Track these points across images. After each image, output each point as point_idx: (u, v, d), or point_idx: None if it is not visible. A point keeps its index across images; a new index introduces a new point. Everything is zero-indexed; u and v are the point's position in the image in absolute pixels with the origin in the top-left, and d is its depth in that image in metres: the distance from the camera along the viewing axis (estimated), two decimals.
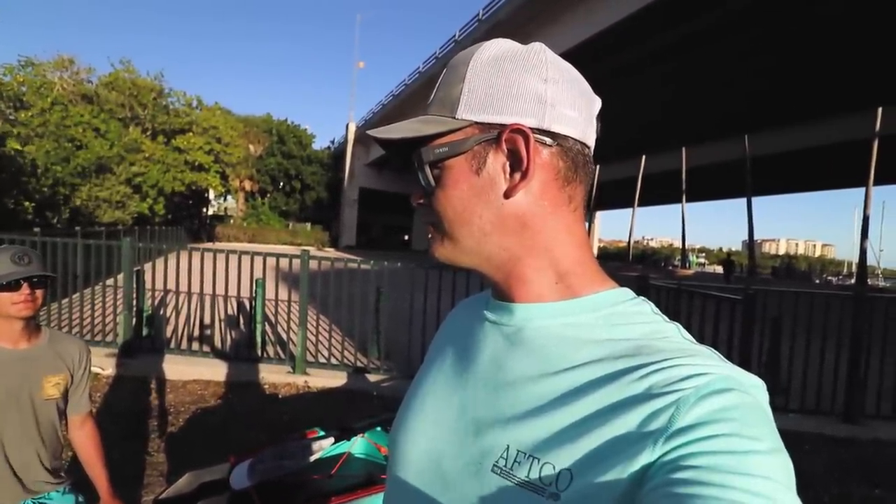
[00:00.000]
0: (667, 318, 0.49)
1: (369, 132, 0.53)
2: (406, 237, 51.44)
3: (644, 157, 31.88)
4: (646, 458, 0.38)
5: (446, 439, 0.51)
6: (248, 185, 41.80)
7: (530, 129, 0.48)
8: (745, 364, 4.39)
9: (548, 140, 0.49)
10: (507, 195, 0.49)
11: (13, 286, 1.37)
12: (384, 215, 48.76)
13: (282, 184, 44.24)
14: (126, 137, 21.28)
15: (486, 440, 0.47)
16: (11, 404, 1.41)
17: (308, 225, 44.43)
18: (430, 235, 0.56)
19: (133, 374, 4.66)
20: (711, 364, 0.41)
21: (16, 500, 1.42)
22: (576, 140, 0.50)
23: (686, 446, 0.36)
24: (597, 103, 0.54)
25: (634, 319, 0.48)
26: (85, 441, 1.60)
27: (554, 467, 0.41)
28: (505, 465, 0.44)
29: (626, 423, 0.39)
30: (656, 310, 0.50)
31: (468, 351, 0.56)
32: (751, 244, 28.47)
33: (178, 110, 26.85)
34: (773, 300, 4.90)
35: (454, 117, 0.50)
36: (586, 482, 0.39)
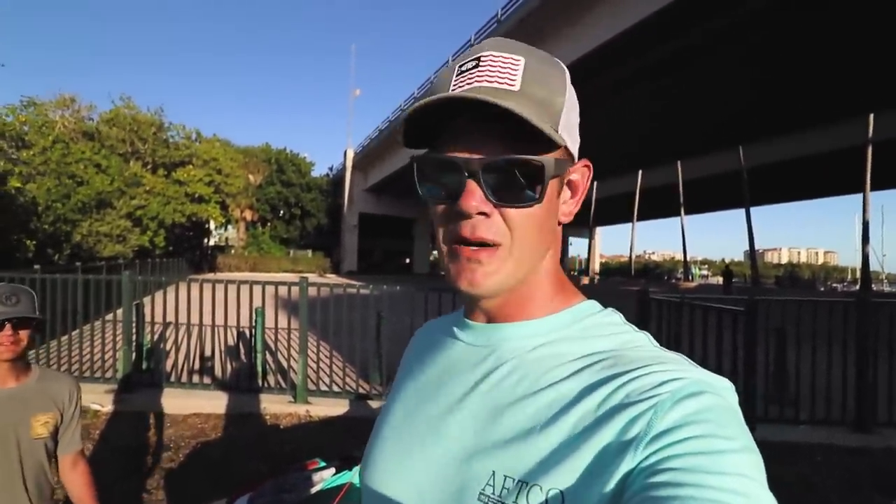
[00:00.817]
0: (636, 328, 0.51)
1: (479, 96, 0.43)
2: (407, 260, 51.47)
3: (641, 171, 32.16)
4: (627, 465, 0.38)
5: (426, 471, 0.50)
6: (248, 214, 42.03)
7: None
8: (750, 376, 4.33)
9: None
10: (560, 221, 0.53)
11: None
12: (384, 240, 48.90)
13: (282, 212, 44.50)
14: (127, 172, 21.52)
15: (470, 468, 0.46)
16: (1, 444, 1.39)
17: (309, 252, 44.51)
18: (480, 260, 0.47)
19: (132, 409, 4.61)
20: (683, 369, 0.43)
21: None
22: None
23: (664, 450, 0.37)
24: None
25: (607, 331, 0.50)
26: (77, 481, 1.57)
27: (542, 489, 0.40)
28: (493, 493, 0.43)
29: (608, 434, 0.40)
30: (625, 319, 0.52)
31: (442, 377, 0.55)
32: (752, 254, 28.42)
33: (178, 143, 27.23)
34: (776, 310, 4.87)
35: (557, 131, 0.47)
36: (578, 499, 0.39)
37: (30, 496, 1.44)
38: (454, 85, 0.47)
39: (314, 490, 2.31)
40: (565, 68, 0.52)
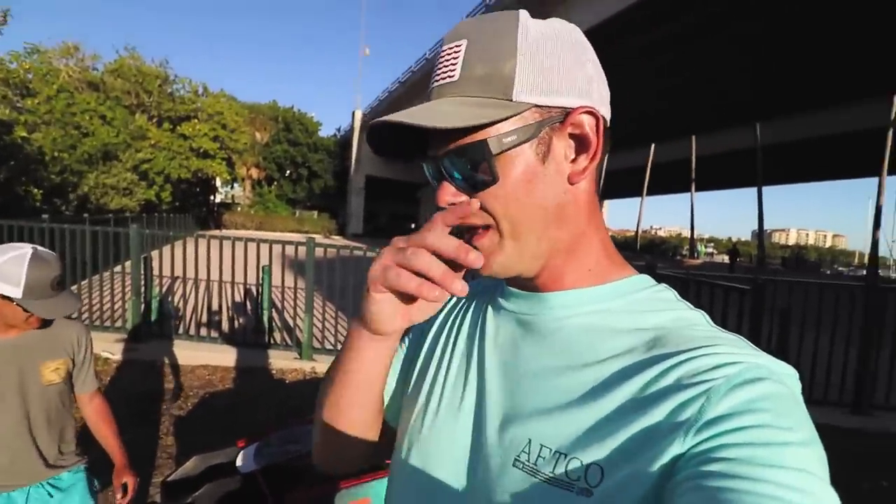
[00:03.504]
0: (691, 306, 0.49)
1: (394, 118, 0.43)
2: (413, 225, 51.50)
3: (653, 145, 31.60)
4: (675, 449, 0.37)
5: (460, 431, 0.50)
6: (254, 172, 41.85)
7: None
8: None
9: (605, 121, 0.47)
10: (571, 181, 0.47)
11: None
12: (391, 203, 48.78)
13: (288, 171, 44.22)
14: (132, 125, 21.29)
15: (505, 434, 0.46)
16: (12, 392, 1.38)
17: (315, 213, 44.54)
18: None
19: (142, 359, 4.71)
20: (742, 353, 0.40)
21: (27, 482, 1.43)
22: (608, 121, 0.49)
23: (717, 438, 0.35)
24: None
25: (659, 307, 0.48)
26: (94, 416, 1.60)
27: (581, 463, 0.40)
28: (528, 461, 0.43)
29: (656, 415, 0.39)
30: (679, 297, 0.50)
31: (483, 341, 0.54)
32: (760, 234, 28.22)
33: (184, 97, 26.82)
34: (783, 290, 4.85)
35: (510, 99, 0.44)
36: (617, 477, 0.38)
37: (47, 439, 1.45)
38: (431, 82, 0.49)
39: None
40: (518, 19, 0.45)
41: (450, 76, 0.46)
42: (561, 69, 0.45)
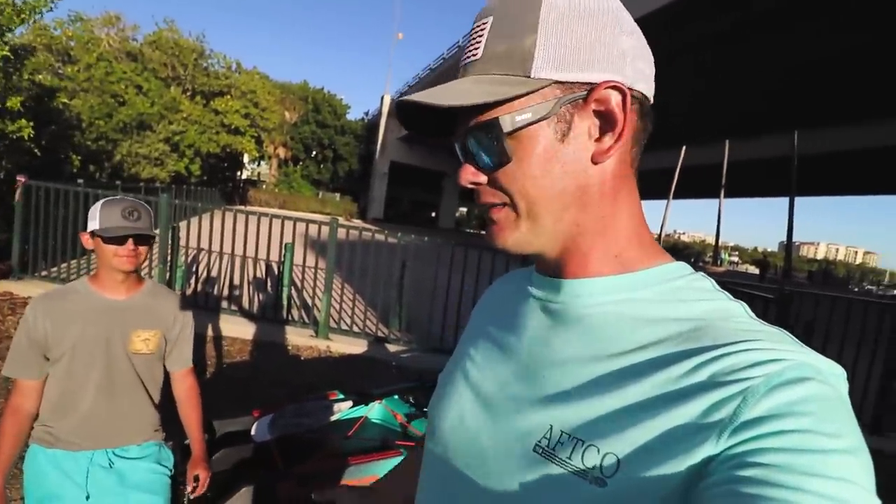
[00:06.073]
0: (731, 296, 0.46)
1: (413, 97, 0.44)
2: (433, 214, 51.52)
3: (684, 147, 30.85)
4: (707, 450, 0.35)
5: (485, 415, 0.50)
6: (281, 151, 42.35)
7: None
8: None
9: (637, 98, 0.45)
10: (594, 161, 0.45)
11: (119, 240, 1.38)
12: (413, 190, 48.79)
13: (315, 152, 44.64)
14: (166, 96, 21.70)
15: (527, 419, 0.46)
16: (99, 352, 1.41)
17: (338, 195, 44.92)
18: (494, 219, 0.48)
19: None
20: (785, 349, 0.37)
21: (94, 445, 1.42)
22: (649, 98, 0.48)
23: (753, 441, 0.33)
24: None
25: (695, 296, 0.45)
26: (183, 396, 1.61)
27: (599, 451, 0.39)
28: (547, 446, 0.43)
29: (686, 412, 0.37)
30: (717, 286, 0.47)
31: (511, 328, 0.54)
32: (788, 245, 27.39)
33: (218, 73, 27.17)
34: (809, 303, 4.74)
35: (529, 76, 0.43)
36: (636, 471, 0.37)
37: (127, 407, 1.47)
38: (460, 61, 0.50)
39: (332, 419, 2.44)
40: None
41: (473, 54, 0.46)
42: (588, 43, 0.43)
